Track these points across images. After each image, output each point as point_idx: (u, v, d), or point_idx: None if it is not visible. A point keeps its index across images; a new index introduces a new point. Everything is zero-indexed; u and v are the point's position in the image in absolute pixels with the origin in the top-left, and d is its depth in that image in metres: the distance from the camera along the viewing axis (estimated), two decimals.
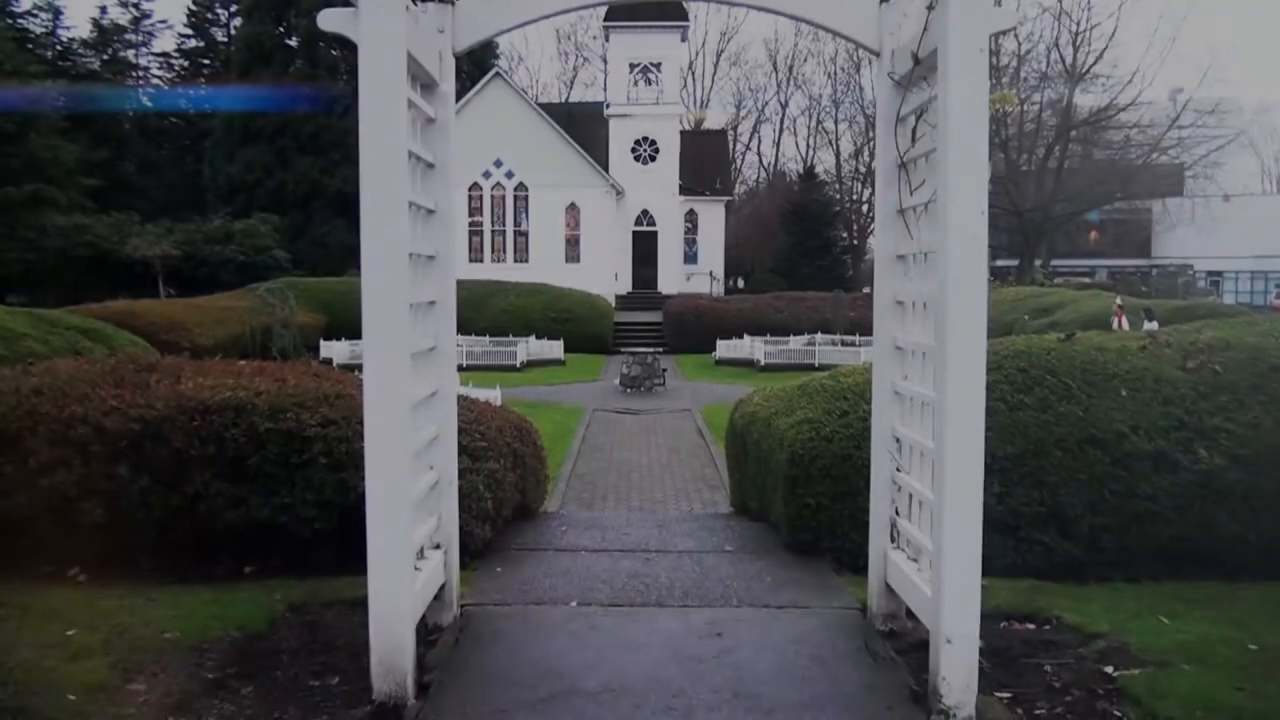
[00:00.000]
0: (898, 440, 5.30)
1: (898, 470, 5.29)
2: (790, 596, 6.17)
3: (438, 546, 5.52)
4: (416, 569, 4.95)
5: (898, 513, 5.34)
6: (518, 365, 33.74)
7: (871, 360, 5.70)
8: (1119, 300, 30.13)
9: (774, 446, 7.47)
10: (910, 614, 5.24)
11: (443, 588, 5.50)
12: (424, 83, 5.17)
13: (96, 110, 58.91)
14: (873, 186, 71.93)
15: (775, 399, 8.26)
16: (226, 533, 6.78)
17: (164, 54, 72.89)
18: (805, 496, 6.86)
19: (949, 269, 4.19)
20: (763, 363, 34.06)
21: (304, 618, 5.81)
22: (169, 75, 72.49)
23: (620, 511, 12.57)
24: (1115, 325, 27.03)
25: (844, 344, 35.69)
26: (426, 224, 5.31)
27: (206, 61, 72.26)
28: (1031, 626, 5.64)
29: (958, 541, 4.27)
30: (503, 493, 7.29)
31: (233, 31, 70.23)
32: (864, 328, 37.02)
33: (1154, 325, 25.03)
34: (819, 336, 37.18)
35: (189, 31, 72.47)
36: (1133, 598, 6.25)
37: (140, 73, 71.05)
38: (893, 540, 5.40)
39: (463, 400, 8.00)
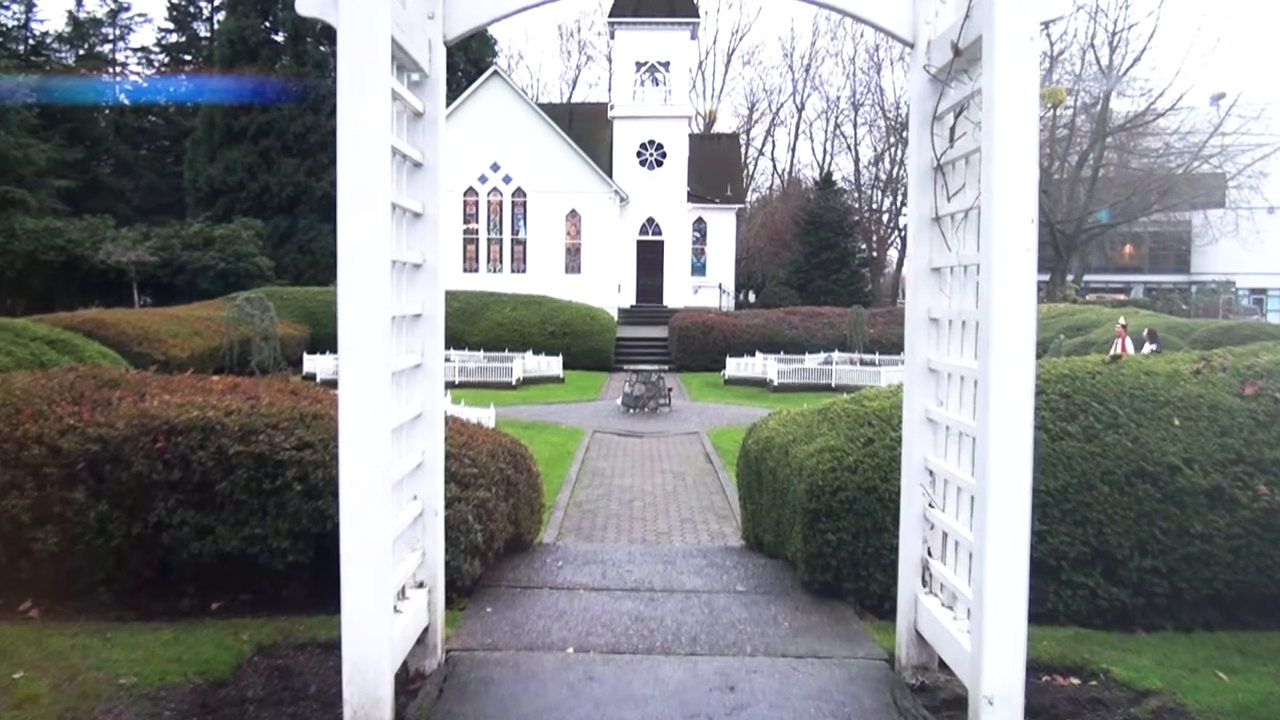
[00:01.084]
0: (931, 473, 5.08)
1: (930, 506, 5.07)
2: (809, 644, 5.94)
3: (421, 585, 5.30)
4: (396, 611, 4.73)
5: (930, 553, 5.12)
6: (513, 382, 33.64)
7: (896, 382, 5.50)
8: (1122, 320, 29.86)
9: (792, 476, 7.26)
10: (943, 664, 5.02)
11: (426, 631, 5.28)
12: (411, 73, 4.98)
13: (70, 107, 59.04)
14: (894, 195, 73.26)
15: (793, 424, 8.05)
16: (192, 564, 6.58)
17: (143, 49, 73.47)
18: (826, 532, 6.64)
19: (993, 284, 3.98)
20: (776, 383, 33.93)
21: (273, 661, 5.59)
22: (148, 71, 72.74)
23: (621, 544, 12.35)
24: (1117, 348, 26.80)
25: (863, 363, 35.57)
26: (412, 228, 5.11)
27: (188, 57, 72.49)
28: (1076, 681, 5.40)
29: (1001, 591, 4.04)
30: (494, 524, 7.08)
31: (215, 25, 70.49)
32: (885, 346, 36.99)
33: (1155, 347, 24.81)
34: (836, 355, 37.03)
35: (169, 25, 72.93)
36: (1186, 649, 6.02)
37: (117, 68, 71.26)
38: (924, 584, 5.17)
39: (452, 421, 7.84)
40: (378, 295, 4.16)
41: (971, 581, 4.33)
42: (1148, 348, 24.85)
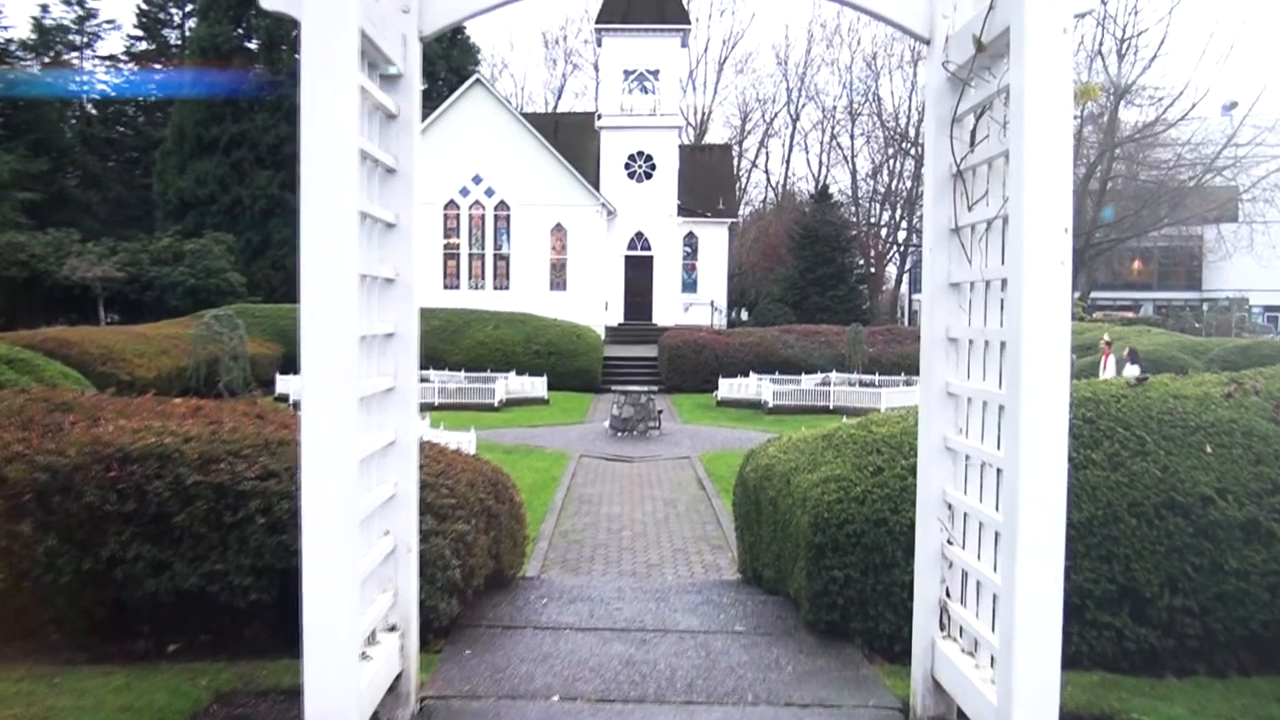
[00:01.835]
0: (949, 507, 4.84)
1: (949, 543, 4.83)
2: (815, 692, 5.69)
3: (393, 628, 5.05)
4: (365, 658, 4.49)
5: (949, 594, 4.88)
6: (496, 404, 33.47)
7: (897, 404, 5.26)
8: (1106, 337, 29.47)
9: (794, 507, 7.02)
10: (962, 715, 4.78)
11: (399, 678, 5.03)
12: (384, 72, 4.76)
13: (35, 118, 58.85)
14: (893, 208, 73.29)
15: (795, 450, 7.82)
16: (148, 603, 6.35)
17: (111, 57, 72.97)
18: (832, 568, 6.41)
19: (1023, 300, 3.76)
20: (771, 404, 33.75)
21: (232, 710, 5.35)
22: (116, 79, 72.47)
23: (610, 578, 12.08)
24: (1101, 367, 26.53)
25: (862, 384, 35.43)
26: (385, 240, 4.88)
27: (158, 65, 72.24)
28: None
29: (1032, 639, 3.81)
30: (473, 559, 6.84)
31: (187, 33, 70.27)
32: (885, 365, 36.85)
33: (1136, 369, 24.53)
34: (834, 375, 36.95)
35: (139, 33, 72.67)
36: (1221, 696, 5.80)
37: (85, 77, 70.99)
38: (942, 628, 4.93)
39: (428, 448, 7.61)
40: (344, 313, 3.92)
41: (997, 628, 4.10)
42: (1129, 370, 24.50)
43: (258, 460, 6.43)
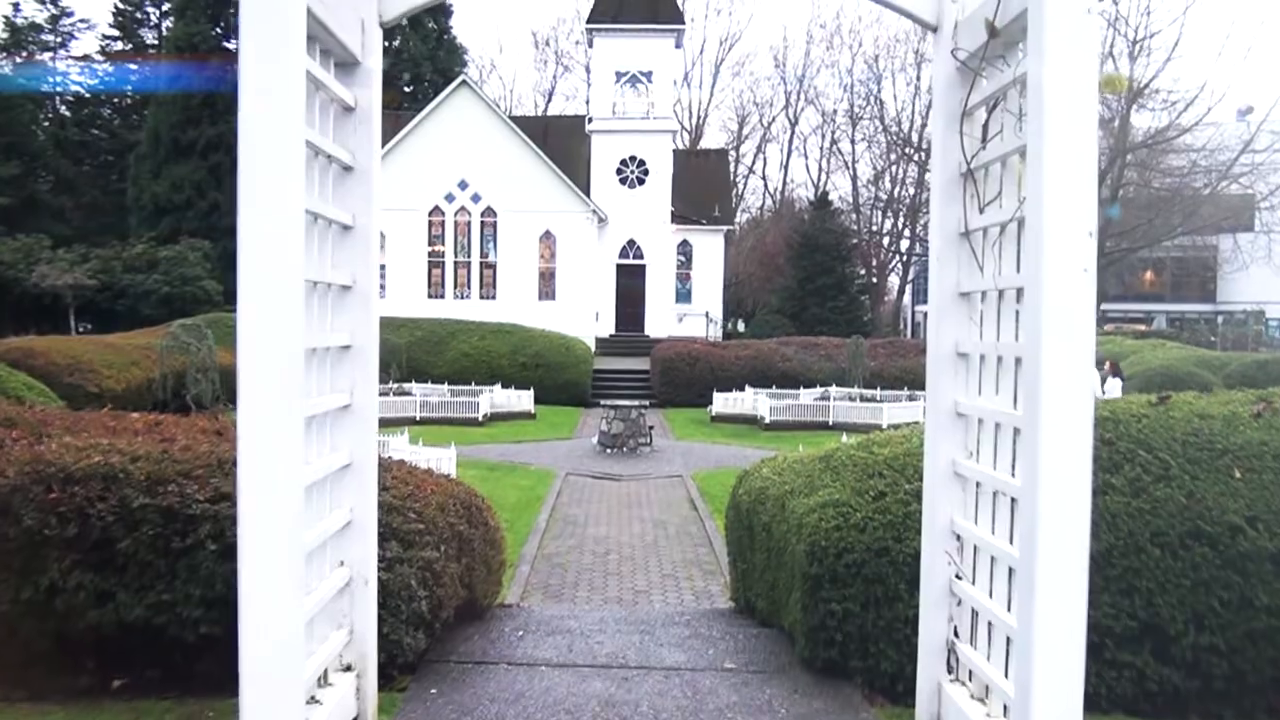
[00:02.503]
0: (958, 538, 4.56)
1: (958, 578, 4.55)
2: None
3: (349, 668, 4.76)
4: (314, 701, 4.20)
5: (957, 634, 4.60)
6: (480, 419, 33.28)
7: (900, 420, 4.99)
8: None
9: (789, 534, 6.75)
10: None
11: None
12: (339, 59, 4.48)
13: (6, 121, 58.63)
14: (895, 216, 73.34)
15: (790, 472, 7.55)
16: (91, 635, 6.09)
17: (85, 57, 72.71)
18: (830, 601, 6.13)
19: (1042, 311, 3.49)
20: (767, 419, 33.53)
21: None
22: (91, 80, 72.27)
23: (594, 607, 11.78)
24: None
25: (863, 399, 35.13)
26: (340, 243, 4.60)
27: (133, 66, 72.02)
28: None
29: (1052, 689, 3.53)
30: (442, 589, 6.56)
31: (164, 32, 70.08)
32: (887, 380, 36.64)
33: (1119, 384, 24.13)
34: (833, 390, 36.69)
35: (114, 32, 72.43)
36: None
37: (58, 78, 70.77)
38: (950, 670, 4.65)
39: (397, 468, 7.36)
40: (287, 323, 3.63)
41: (1012, 673, 3.83)
42: (1112, 384, 24.05)
43: (210, 481, 6.17)
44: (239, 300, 3.61)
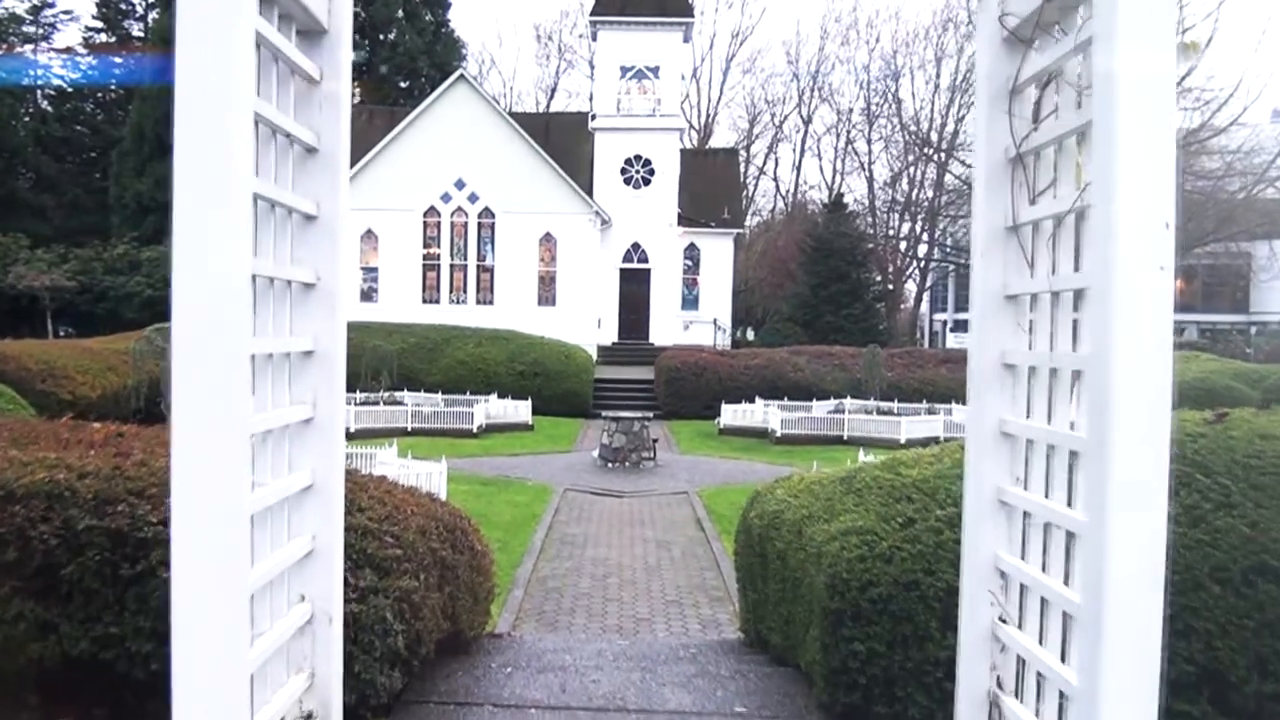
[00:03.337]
0: (1003, 576, 4.17)
1: (1002, 621, 4.16)
2: None
3: (309, 717, 4.37)
4: None
5: (1001, 685, 4.21)
6: (474, 430, 32.94)
7: (919, 434, 4.60)
8: None
9: (807, 564, 6.38)
10: None
11: None
12: (302, 25, 4.09)
13: None
14: (913, 219, 72.89)
15: (808, 495, 7.17)
16: (34, 669, 5.72)
17: (67, 49, 72.60)
18: (852, 640, 5.75)
19: (1112, 316, 3.11)
20: (779, 433, 33.16)
21: None
22: (73, 74, 72.16)
23: (590, 637, 11.36)
24: None
25: (880, 412, 34.77)
26: (302, 235, 4.20)
27: (118, 59, 71.86)
28: None
29: None
30: (421, 622, 6.19)
31: (149, 24, 69.96)
32: (905, 392, 36.31)
33: None
34: (849, 402, 36.37)
35: (98, 24, 72.31)
36: None
37: (39, 71, 70.64)
38: None
39: (374, 486, 7.00)
40: (229, 324, 3.25)
41: None
42: None
43: (165, 501, 5.78)
44: (173, 298, 3.24)
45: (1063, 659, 3.58)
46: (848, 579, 5.80)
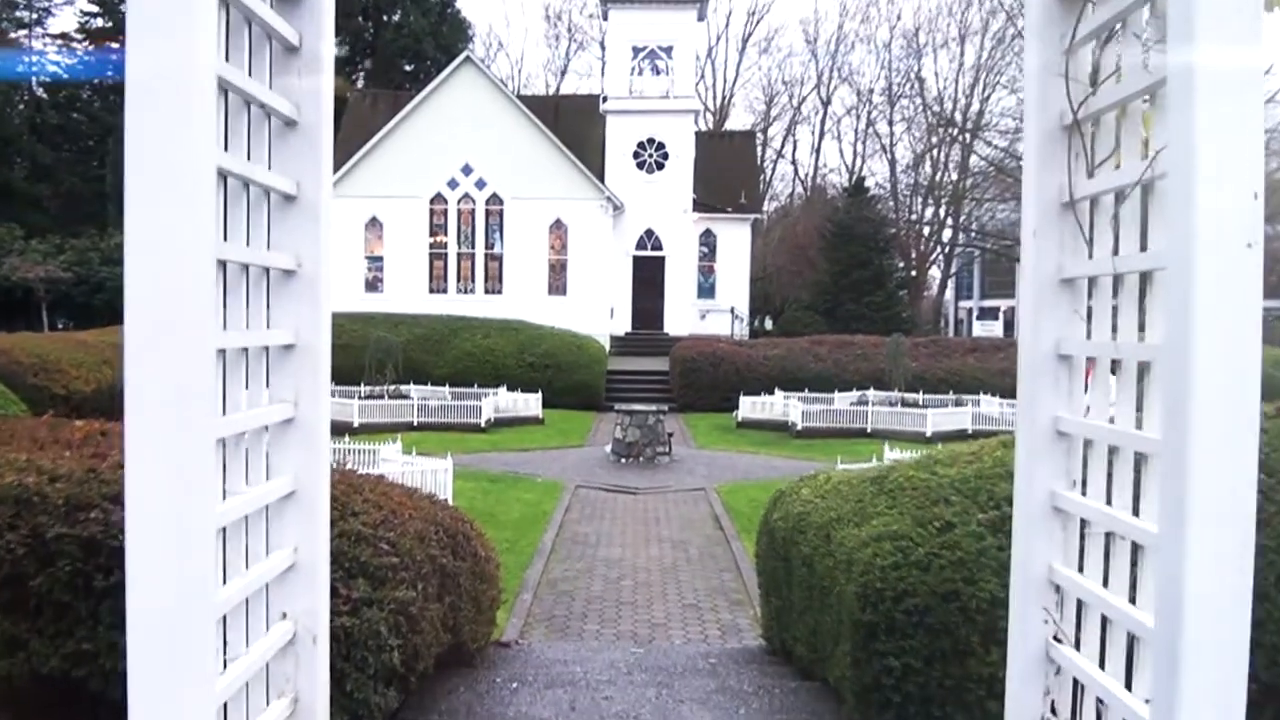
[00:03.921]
0: (1058, 590, 3.88)
1: (1056, 641, 3.87)
2: None
3: None
4: None
5: (1054, 711, 3.92)
6: (482, 424, 32.84)
7: (946, 428, 4.31)
8: None
9: (836, 571, 6.10)
10: None
11: None
12: None
13: None
14: (937, 204, 72.41)
15: (835, 495, 6.89)
16: (3, 687, 5.57)
17: (63, 35, 72.59)
18: (886, 655, 5.48)
19: (1194, 301, 2.82)
20: (799, 426, 32.99)
21: None
22: (69, 60, 72.09)
23: (603, 645, 11.09)
24: None
25: (905, 404, 34.53)
26: (282, 217, 3.93)
27: (115, 45, 71.77)
28: None
29: None
30: (419, 635, 5.95)
31: None
32: (930, 383, 36.01)
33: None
34: (872, 394, 36.17)
35: (94, 9, 72.11)
36: None
37: (34, 58, 70.61)
38: None
39: (370, 488, 6.74)
40: (191, 315, 2.97)
41: None
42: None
43: None
44: (125, 288, 2.96)
45: (1127, 684, 3.31)
46: (881, 588, 5.54)
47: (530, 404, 35.76)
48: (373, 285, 49.20)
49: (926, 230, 74.29)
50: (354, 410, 31.16)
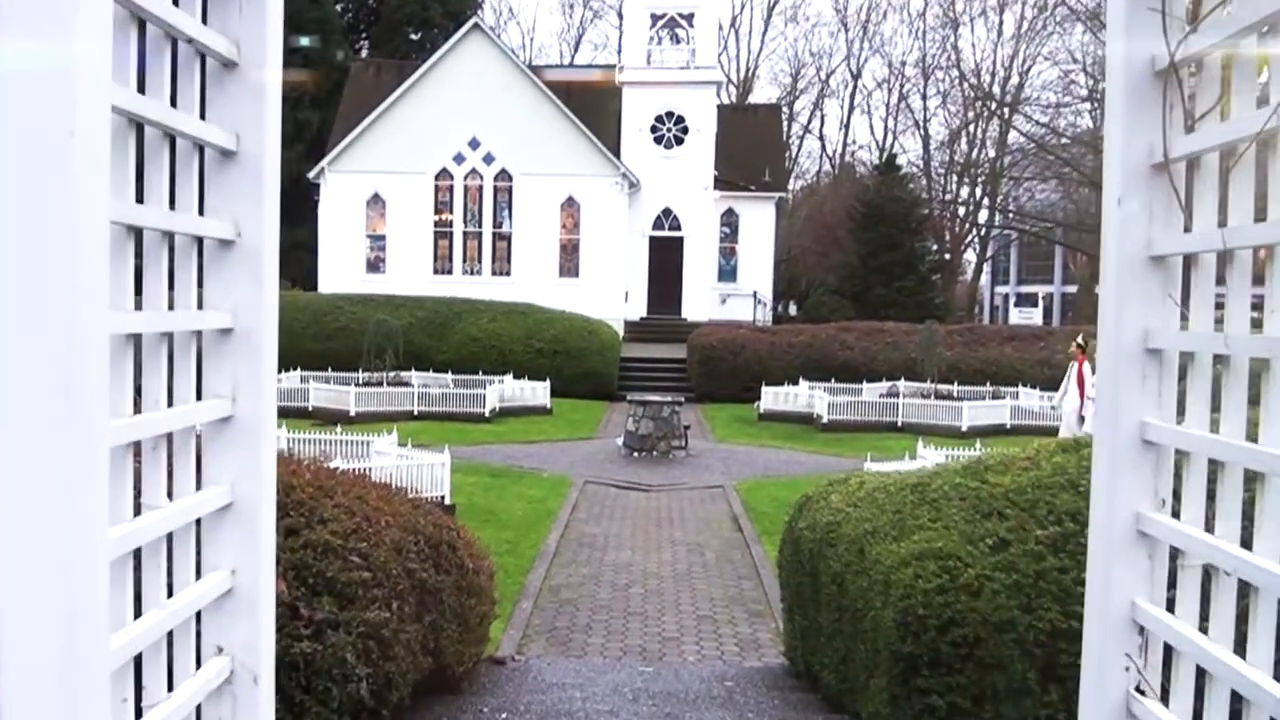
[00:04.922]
0: (1142, 630, 3.41)
1: (1139, 692, 3.40)
2: None
3: None
4: None
5: None
6: (486, 414, 32.61)
7: (984, 423, 3.81)
8: (1080, 340, 23.49)
9: (871, 593, 5.66)
10: None
11: None
12: None
13: None
14: (973, 182, 71.93)
15: (870, 504, 6.45)
16: None
17: None
18: (929, 693, 5.06)
19: None
20: (825, 418, 32.63)
21: None
22: None
23: (608, 663, 10.66)
24: (1071, 382, 22.68)
25: (938, 396, 34.12)
26: (217, 177, 3.46)
27: None
28: None
29: None
30: (393, 662, 5.52)
31: None
32: (965, 374, 35.64)
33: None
34: (903, 385, 35.87)
35: None
36: None
37: None
38: None
39: (343, 489, 6.29)
40: (68, 292, 2.50)
41: None
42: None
43: None
44: None
45: None
46: (924, 615, 5.11)
47: (538, 393, 35.54)
48: (374, 265, 48.97)
49: (961, 211, 73.93)
50: (350, 399, 30.87)
